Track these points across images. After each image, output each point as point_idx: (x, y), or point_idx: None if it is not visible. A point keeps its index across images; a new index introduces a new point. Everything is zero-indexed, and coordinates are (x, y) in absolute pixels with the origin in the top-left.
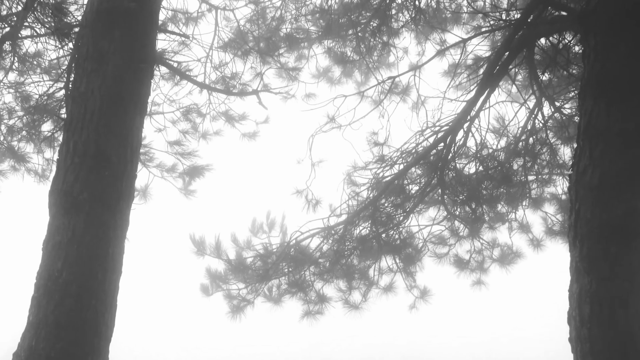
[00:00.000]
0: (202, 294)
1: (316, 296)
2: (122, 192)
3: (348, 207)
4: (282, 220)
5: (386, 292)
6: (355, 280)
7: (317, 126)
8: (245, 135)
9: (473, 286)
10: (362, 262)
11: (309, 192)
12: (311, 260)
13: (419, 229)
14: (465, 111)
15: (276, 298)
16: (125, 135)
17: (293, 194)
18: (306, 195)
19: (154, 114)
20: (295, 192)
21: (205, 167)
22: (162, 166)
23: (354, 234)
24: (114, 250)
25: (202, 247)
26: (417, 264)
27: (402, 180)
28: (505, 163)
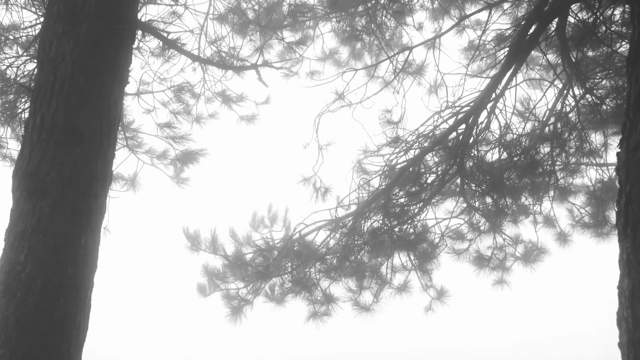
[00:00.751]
0: (199, 294)
1: (322, 296)
2: (96, 173)
3: (358, 198)
4: (286, 214)
5: (400, 292)
6: (365, 279)
7: (324, 105)
8: (244, 118)
9: (494, 286)
10: (373, 259)
11: (316, 179)
12: (317, 256)
13: (436, 223)
14: (489, 88)
15: (279, 298)
16: (101, 107)
17: (299, 182)
18: (314, 182)
19: (143, 94)
20: (301, 180)
21: (199, 152)
22: (152, 152)
23: (364, 228)
24: (87, 241)
25: (196, 242)
26: (433, 261)
27: (418, 167)
28: (531, 149)
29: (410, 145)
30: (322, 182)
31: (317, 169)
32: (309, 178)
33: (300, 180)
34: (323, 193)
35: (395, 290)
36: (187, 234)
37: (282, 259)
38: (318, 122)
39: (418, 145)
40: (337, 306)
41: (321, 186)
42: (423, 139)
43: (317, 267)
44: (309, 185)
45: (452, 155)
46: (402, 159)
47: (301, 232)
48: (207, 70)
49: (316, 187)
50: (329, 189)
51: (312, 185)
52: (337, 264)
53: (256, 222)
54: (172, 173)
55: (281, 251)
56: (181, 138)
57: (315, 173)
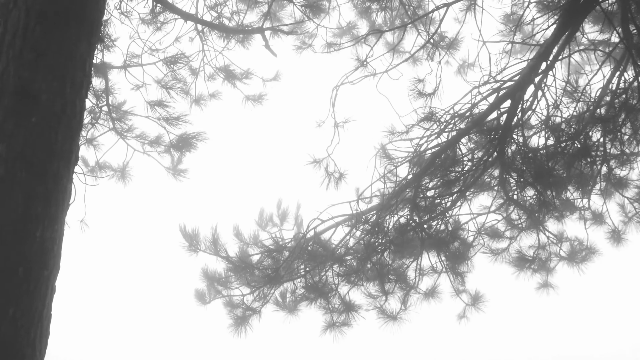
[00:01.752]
0: (198, 301)
1: (341, 303)
2: (56, 148)
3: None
4: (297, 210)
5: (427, 298)
6: (390, 283)
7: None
8: (250, 98)
9: (538, 290)
10: (398, 260)
11: (329, 162)
12: (334, 257)
13: (471, 218)
14: (541, 56)
15: (290, 306)
16: (62, 65)
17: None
18: (326, 165)
19: (131, 67)
20: (311, 162)
21: (197, 137)
22: (144, 137)
23: (390, 224)
24: (43, 234)
25: (195, 242)
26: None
27: (453, 152)
28: (580, 133)
29: (444, 127)
30: (336, 165)
31: (331, 150)
32: (321, 160)
33: (310, 162)
34: (337, 179)
35: (422, 295)
36: (185, 233)
37: (294, 261)
38: (335, 95)
39: (452, 127)
40: (359, 315)
41: (335, 170)
42: (458, 119)
43: (334, 269)
44: (319, 168)
45: (491, 139)
46: (433, 143)
47: (316, 229)
48: (206, 41)
49: (329, 172)
50: (343, 174)
51: (324, 168)
52: (358, 265)
53: (264, 220)
54: (168, 163)
55: (293, 251)
56: (176, 120)
57: (329, 154)
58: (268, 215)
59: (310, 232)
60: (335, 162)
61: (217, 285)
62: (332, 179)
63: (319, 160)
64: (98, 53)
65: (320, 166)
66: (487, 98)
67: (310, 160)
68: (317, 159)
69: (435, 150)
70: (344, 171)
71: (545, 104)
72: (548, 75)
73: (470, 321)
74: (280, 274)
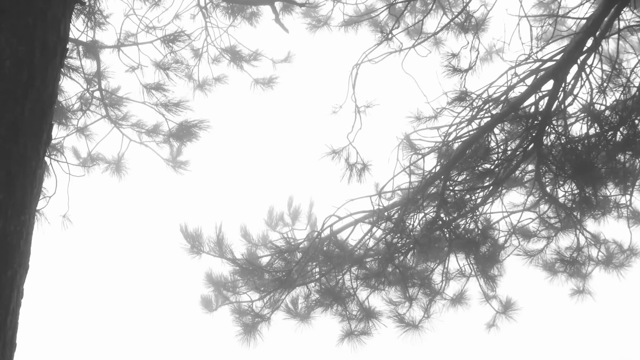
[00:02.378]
0: (203, 308)
1: (360, 310)
2: (22, 125)
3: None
4: (310, 209)
5: (454, 305)
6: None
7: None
8: (259, 81)
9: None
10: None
11: (350, 152)
12: (353, 258)
13: (503, 217)
14: (587, 30)
15: (303, 313)
16: (31, 27)
17: (326, 155)
18: (347, 156)
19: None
20: (329, 153)
21: (199, 125)
22: (140, 126)
23: (414, 221)
24: (5, 228)
25: (198, 243)
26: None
27: (487, 141)
28: (625, 121)
29: (476, 113)
30: (358, 154)
31: (352, 137)
32: (340, 150)
33: (328, 153)
34: (359, 170)
35: (449, 302)
36: (186, 233)
37: (308, 263)
38: (355, 74)
39: (484, 113)
40: (380, 323)
41: (357, 161)
42: (492, 104)
43: (353, 272)
44: (339, 159)
45: (528, 127)
46: (463, 131)
47: (332, 227)
48: (209, 18)
49: (350, 163)
50: (367, 165)
51: (344, 159)
52: (379, 268)
53: (274, 219)
54: (167, 155)
55: (306, 253)
56: (176, 106)
57: (350, 142)
58: (278, 214)
59: (325, 231)
60: (357, 151)
61: (224, 291)
62: (354, 170)
63: (338, 151)
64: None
65: (339, 157)
66: (524, 80)
67: (328, 150)
68: (335, 149)
69: (467, 139)
70: (367, 161)
71: (589, 88)
72: (594, 55)
73: (500, 330)
74: (292, 278)
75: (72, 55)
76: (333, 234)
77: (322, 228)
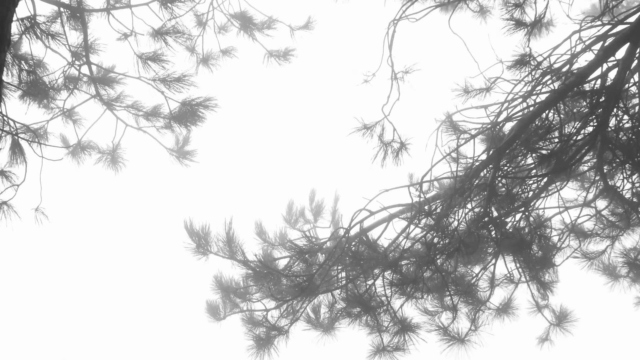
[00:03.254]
0: (210, 316)
1: (392, 320)
2: None
3: (447, 174)
4: (335, 204)
5: (500, 315)
6: (456, 296)
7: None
8: (274, 54)
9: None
10: (465, 265)
11: (385, 127)
12: (386, 261)
13: (559, 212)
14: None
15: (327, 324)
16: None
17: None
18: (380, 132)
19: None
20: (359, 129)
21: (206, 103)
22: (138, 108)
23: (460, 217)
24: None
25: (204, 242)
26: (552, 269)
27: (546, 120)
28: None
29: (532, 88)
30: (395, 131)
31: (387, 110)
32: (373, 126)
33: (358, 128)
34: (395, 150)
35: (494, 311)
36: (191, 230)
37: (333, 266)
38: (392, 33)
39: (541, 89)
40: (417, 337)
41: (393, 139)
42: (552, 76)
43: (386, 277)
44: (371, 136)
45: (593, 105)
46: (517, 109)
47: (363, 223)
48: None
49: (384, 141)
50: (405, 143)
51: (378, 137)
52: (415, 272)
53: (293, 215)
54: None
55: (331, 254)
56: (177, 82)
57: (385, 116)
58: (298, 210)
59: (354, 228)
60: (394, 126)
61: (234, 298)
62: (389, 150)
63: (371, 126)
64: None
65: (371, 134)
66: (590, 47)
67: (358, 125)
68: (367, 124)
69: (523, 117)
70: (405, 139)
71: None
72: None
73: (554, 345)
74: (314, 283)
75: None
76: (363, 232)
77: (350, 224)
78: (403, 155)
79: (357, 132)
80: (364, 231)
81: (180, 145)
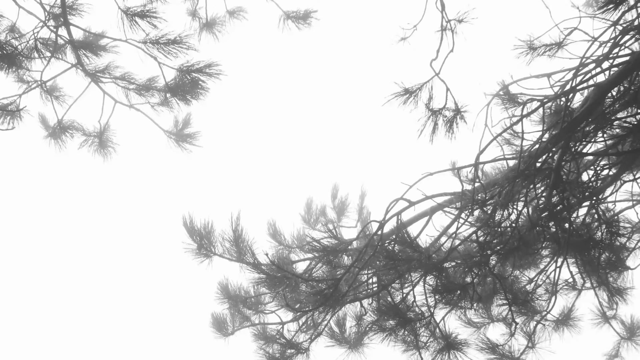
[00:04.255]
0: (216, 331)
1: (433, 335)
2: None
3: (520, 156)
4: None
5: (558, 327)
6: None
7: None
8: (291, 16)
9: None
10: (519, 268)
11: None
12: (430, 263)
13: (632, 204)
14: None
15: (354, 339)
16: None
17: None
18: (428, 98)
19: None
20: (400, 93)
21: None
22: (128, 80)
23: (515, 209)
24: None
25: (207, 241)
26: (625, 273)
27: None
28: None
29: (609, 50)
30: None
31: (437, 66)
32: (417, 90)
33: (399, 94)
34: (449, 120)
35: (553, 323)
36: (191, 228)
37: (363, 269)
38: None
39: (618, 51)
40: (464, 356)
41: (445, 105)
42: (635, 33)
43: (429, 283)
44: (415, 103)
45: None
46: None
47: (400, 216)
48: None
49: (431, 108)
50: (462, 110)
51: (425, 104)
52: (462, 276)
53: (312, 214)
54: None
55: (361, 254)
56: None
57: (436, 73)
58: (319, 208)
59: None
60: (447, 86)
61: (244, 309)
62: (439, 119)
63: (414, 90)
64: None
65: (416, 100)
66: None
67: (399, 90)
68: (410, 89)
69: (599, 83)
70: (462, 105)
71: None
72: None
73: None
74: (340, 290)
75: None
76: (401, 227)
77: (384, 217)
78: (458, 125)
79: (396, 99)
80: (403, 226)
81: (181, 126)
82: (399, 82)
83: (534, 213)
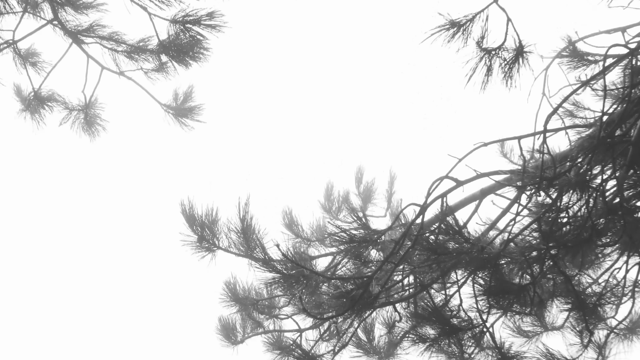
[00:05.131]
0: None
1: (479, 346)
2: None
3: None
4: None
5: (626, 337)
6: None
7: None
8: None
9: None
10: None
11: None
12: (482, 258)
13: None
14: None
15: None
16: None
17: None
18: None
19: None
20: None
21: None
22: (116, 40)
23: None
24: None
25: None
26: None
27: None
28: None
29: None
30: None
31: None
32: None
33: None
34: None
35: (620, 332)
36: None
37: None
38: None
39: None
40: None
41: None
42: None
43: (478, 282)
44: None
45: None
46: None
47: (446, 198)
48: None
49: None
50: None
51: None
52: (520, 273)
53: (334, 202)
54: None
55: (397, 247)
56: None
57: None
58: (341, 194)
59: (431, 208)
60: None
61: (255, 313)
62: (494, 60)
63: (463, 23)
64: None
65: (464, 35)
66: None
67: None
68: (457, 21)
69: None
70: (526, 43)
71: None
72: None
73: None
74: (370, 292)
75: None
76: (448, 212)
77: (426, 201)
78: (519, 69)
79: (441, 34)
80: (450, 210)
81: (181, 100)
82: (444, 14)
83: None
